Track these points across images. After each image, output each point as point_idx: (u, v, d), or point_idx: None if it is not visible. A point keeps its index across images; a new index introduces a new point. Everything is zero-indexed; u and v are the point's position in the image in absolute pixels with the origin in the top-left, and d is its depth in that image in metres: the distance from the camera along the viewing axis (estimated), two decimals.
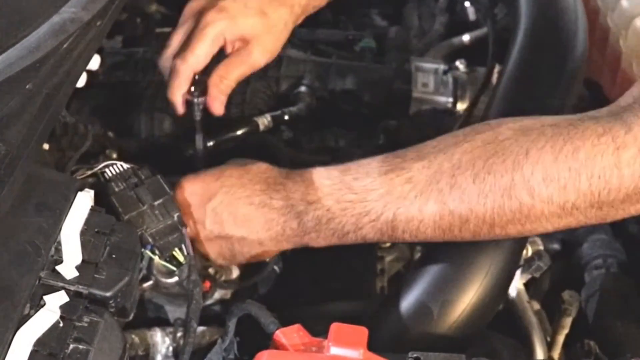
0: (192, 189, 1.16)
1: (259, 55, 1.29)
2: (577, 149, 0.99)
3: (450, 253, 1.11)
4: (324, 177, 1.12)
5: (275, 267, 1.27)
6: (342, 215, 1.09)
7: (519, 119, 1.06)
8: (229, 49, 1.29)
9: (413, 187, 1.06)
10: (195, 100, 1.28)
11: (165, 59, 1.29)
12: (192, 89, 1.28)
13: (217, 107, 1.29)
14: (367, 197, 1.08)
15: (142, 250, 1.07)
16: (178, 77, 1.26)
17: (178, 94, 1.28)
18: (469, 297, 1.08)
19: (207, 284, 1.20)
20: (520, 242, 1.15)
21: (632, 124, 0.98)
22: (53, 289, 0.89)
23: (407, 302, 1.10)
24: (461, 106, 1.54)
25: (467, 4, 1.73)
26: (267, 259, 1.22)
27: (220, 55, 1.29)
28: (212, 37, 1.25)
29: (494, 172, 1.02)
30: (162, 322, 1.19)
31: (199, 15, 1.26)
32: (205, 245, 1.17)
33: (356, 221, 1.09)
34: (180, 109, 1.29)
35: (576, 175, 0.99)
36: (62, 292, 0.89)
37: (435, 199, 1.04)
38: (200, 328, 1.16)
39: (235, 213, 1.14)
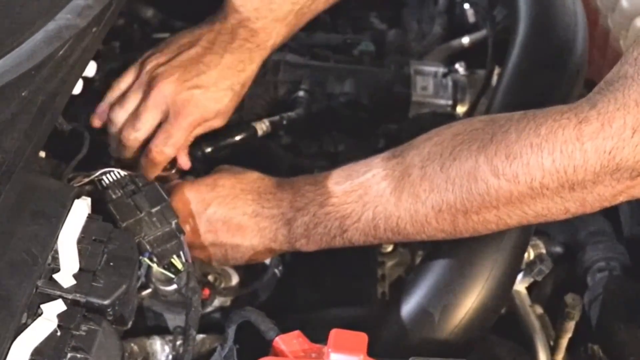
0: (187, 198, 1.19)
1: (220, 123, 1.31)
2: (539, 125, 0.98)
3: (451, 257, 1.11)
4: (309, 184, 1.15)
5: (276, 271, 1.27)
6: (327, 220, 1.12)
7: (492, 114, 1.08)
8: None
9: (388, 184, 1.08)
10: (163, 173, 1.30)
11: (129, 135, 1.27)
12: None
13: (185, 162, 1.31)
14: (347, 199, 1.11)
15: (140, 257, 1.07)
16: (156, 166, 1.28)
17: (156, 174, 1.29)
18: (470, 302, 1.08)
19: (206, 291, 1.20)
20: (521, 245, 1.14)
21: (597, 101, 0.96)
22: (50, 298, 0.89)
23: (408, 306, 1.10)
24: (461, 109, 1.53)
25: (466, 6, 1.73)
26: (266, 261, 1.23)
27: None
28: (189, 130, 1.26)
29: (459, 158, 1.03)
30: (161, 330, 1.19)
31: (173, 103, 1.25)
32: (199, 251, 1.20)
33: (340, 224, 1.11)
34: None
35: (538, 150, 0.97)
36: (60, 300, 0.89)
37: (408, 193, 1.06)
38: (200, 336, 1.16)
39: (229, 223, 1.17)
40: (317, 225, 1.13)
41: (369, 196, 1.09)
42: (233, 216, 1.17)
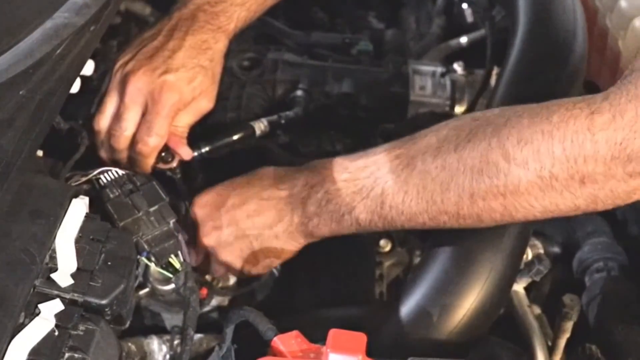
0: (206, 201, 1.21)
1: (207, 104, 1.32)
2: (551, 113, 0.98)
3: (450, 258, 1.10)
4: (324, 163, 1.16)
5: (274, 270, 1.26)
6: (338, 196, 1.12)
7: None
8: None
9: (401, 162, 1.08)
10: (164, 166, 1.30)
11: (119, 140, 1.27)
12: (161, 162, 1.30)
13: (185, 152, 1.31)
14: (360, 175, 1.11)
15: (138, 257, 1.06)
16: (147, 159, 1.28)
17: (150, 168, 1.30)
18: (469, 302, 1.08)
19: (204, 291, 1.20)
20: (521, 245, 1.14)
21: (610, 93, 0.96)
22: (48, 297, 0.89)
23: (407, 307, 1.10)
24: (459, 109, 1.53)
25: (464, 6, 1.72)
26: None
27: None
28: (170, 115, 1.26)
29: (474, 140, 1.03)
30: (159, 329, 1.18)
31: (149, 94, 1.26)
32: (228, 252, 1.19)
33: (350, 200, 1.12)
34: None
35: (549, 137, 0.97)
36: (57, 300, 0.89)
37: (419, 169, 1.07)
38: (198, 335, 1.16)
39: (248, 209, 1.18)
40: (329, 202, 1.13)
41: (381, 172, 1.10)
42: (251, 202, 1.18)
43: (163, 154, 1.29)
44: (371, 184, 1.10)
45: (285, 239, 1.18)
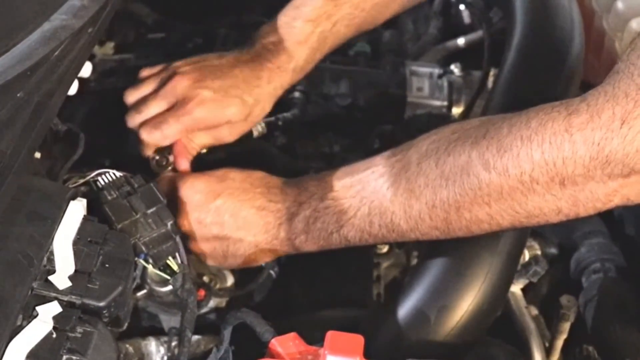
0: (197, 187, 1.19)
1: (227, 136, 1.33)
2: (530, 119, 0.99)
3: (447, 259, 1.10)
4: (313, 180, 1.16)
5: (272, 272, 1.26)
6: (326, 214, 1.13)
7: (490, 116, 1.08)
8: None
9: (385, 180, 1.09)
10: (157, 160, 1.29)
11: (133, 118, 1.29)
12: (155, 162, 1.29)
13: (183, 164, 1.30)
14: (346, 194, 1.12)
15: (136, 259, 1.06)
16: (141, 145, 1.29)
17: (145, 155, 1.30)
18: (467, 304, 1.08)
19: (202, 293, 1.19)
20: (518, 247, 1.14)
21: (588, 95, 0.96)
22: (46, 300, 0.89)
23: (405, 309, 1.10)
24: (456, 110, 1.53)
25: (461, 7, 1.72)
26: (262, 264, 1.22)
27: None
28: (185, 125, 1.27)
29: (454, 153, 1.03)
30: (157, 331, 1.18)
31: (181, 99, 1.27)
32: (200, 244, 1.19)
33: (337, 219, 1.12)
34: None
35: (527, 142, 0.98)
36: (55, 302, 0.89)
37: (403, 188, 1.07)
38: (195, 337, 1.15)
39: (237, 215, 1.17)
40: (317, 220, 1.13)
41: (366, 191, 1.10)
42: (241, 208, 1.17)
43: (157, 157, 1.29)
44: (357, 204, 1.10)
45: (264, 250, 1.18)
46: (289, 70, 1.34)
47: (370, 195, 1.09)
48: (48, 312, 0.87)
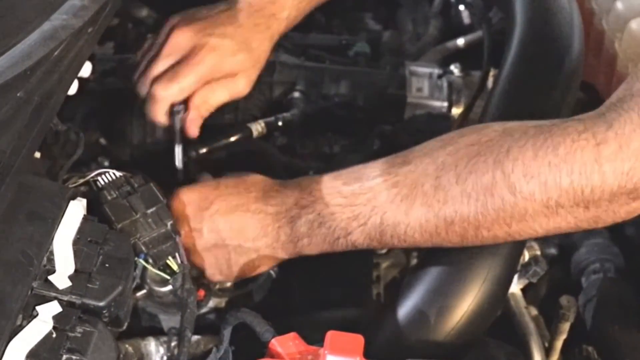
0: (189, 198, 1.17)
1: (244, 87, 1.33)
2: (557, 144, 0.98)
3: (447, 260, 1.10)
4: (317, 183, 1.13)
5: (271, 272, 1.26)
6: (332, 220, 1.10)
7: (504, 122, 1.07)
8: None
9: (399, 191, 1.06)
10: (176, 110, 1.29)
11: (144, 82, 1.29)
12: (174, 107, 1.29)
13: (193, 129, 1.30)
14: (356, 201, 1.09)
15: (136, 259, 1.06)
16: (157, 104, 1.28)
17: (159, 117, 1.30)
18: (467, 304, 1.07)
19: (202, 293, 1.19)
20: (518, 247, 1.14)
21: (613, 120, 0.96)
22: (46, 299, 0.89)
23: (405, 309, 1.09)
24: (456, 110, 1.53)
25: (461, 7, 1.72)
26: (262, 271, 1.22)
27: None
28: (201, 74, 1.27)
29: (476, 171, 1.02)
30: (156, 331, 1.18)
31: (190, 50, 1.27)
32: (202, 256, 1.18)
33: (345, 225, 1.10)
34: (162, 126, 1.32)
35: (556, 170, 0.98)
36: (55, 302, 0.89)
37: (420, 202, 1.05)
38: (195, 337, 1.15)
39: (232, 221, 1.15)
40: (322, 225, 1.11)
41: (378, 201, 1.08)
42: (236, 213, 1.15)
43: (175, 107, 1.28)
44: (368, 212, 1.08)
45: (266, 254, 1.16)
46: (282, 19, 1.35)
47: (383, 206, 1.07)
48: (48, 311, 0.87)
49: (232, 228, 1.16)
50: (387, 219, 1.07)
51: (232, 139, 1.41)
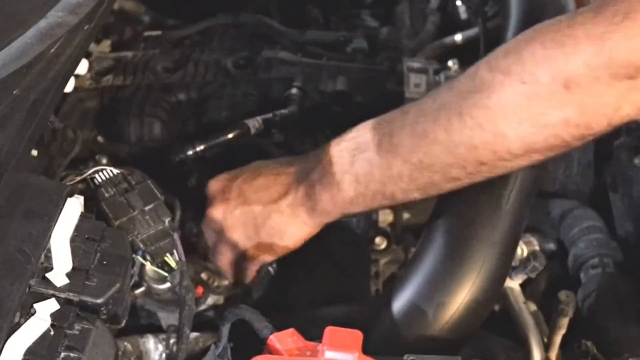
0: (221, 176, 1.25)
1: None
2: (535, 26, 1.02)
3: (442, 252, 1.10)
4: (320, 149, 1.20)
5: (270, 269, 1.26)
6: (340, 156, 1.15)
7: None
8: None
9: (403, 112, 1.12)
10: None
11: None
12: None
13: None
14: (351, 136, 1.16)
15: (133, 256, 1.06)
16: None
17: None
18: (462, 297, 1.07)
19: (200, 290, 1.19)
20: (513, 238, 1.13)
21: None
22: (43, 297, 0.88)
23: (400, 303, 1.09)
24: None
25: (458, 3, 1.72)
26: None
27: None
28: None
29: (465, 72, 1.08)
30: (155, 328, 1.18)
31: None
32: (232, 228, 1.21)
33: (351, 156, 1.14)
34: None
35: (531, 42, 1.00)
36: (53, 299, 0.88)
37: (415, 108, 1.11)
38: (194, 334, 1.15)
39: (256, 184, 1.22)
40: (331, 164, 1.15)
41: (385, 121, 1.13)
42: (260, 177, 1.22)
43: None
44: (372, 136, 1.13)
45: (288, 214, 1.19)
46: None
47: (387, 125, 1.13)
48: (46, 309, 0.87)
49: (256, 192, 1.21)
50: (387, 132, 1.11)
51: (230, 135, 1.41)
